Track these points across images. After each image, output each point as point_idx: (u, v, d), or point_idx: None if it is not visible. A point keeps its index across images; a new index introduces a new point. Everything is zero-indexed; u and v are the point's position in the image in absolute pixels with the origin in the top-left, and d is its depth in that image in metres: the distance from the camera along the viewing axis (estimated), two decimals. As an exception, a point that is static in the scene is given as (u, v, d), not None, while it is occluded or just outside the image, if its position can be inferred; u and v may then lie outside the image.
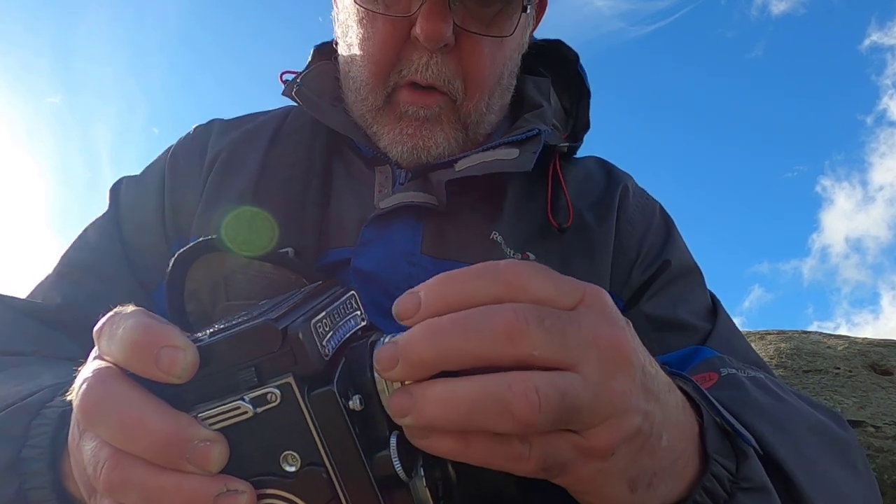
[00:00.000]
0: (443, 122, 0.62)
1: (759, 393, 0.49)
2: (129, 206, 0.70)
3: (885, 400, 2.39)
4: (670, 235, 0.69)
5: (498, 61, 0.62)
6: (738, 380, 0.50)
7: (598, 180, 0.71)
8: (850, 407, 2.36)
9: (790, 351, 2.78)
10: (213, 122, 0.75)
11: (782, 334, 3.02)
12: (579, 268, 0.63)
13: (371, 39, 0.60)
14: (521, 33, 0.64)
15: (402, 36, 0.58)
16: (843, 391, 2.48)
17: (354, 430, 0.29)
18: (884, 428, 2.23)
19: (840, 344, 2.85)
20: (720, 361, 0.54)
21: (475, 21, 0.59)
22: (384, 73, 0.61)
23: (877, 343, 2.83)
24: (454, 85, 0.60)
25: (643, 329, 0.62)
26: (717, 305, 0.66)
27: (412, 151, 0.61)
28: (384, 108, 0.62)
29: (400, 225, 0.61)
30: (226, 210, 0.66)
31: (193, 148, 0.72)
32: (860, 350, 2.76)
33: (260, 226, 0.64)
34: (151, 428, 0.28)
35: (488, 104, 0.63)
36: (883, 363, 2.67)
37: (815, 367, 2.64)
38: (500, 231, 0.63)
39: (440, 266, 0.60)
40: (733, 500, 0.36)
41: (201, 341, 0.29)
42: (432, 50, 0.58)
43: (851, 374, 2.59)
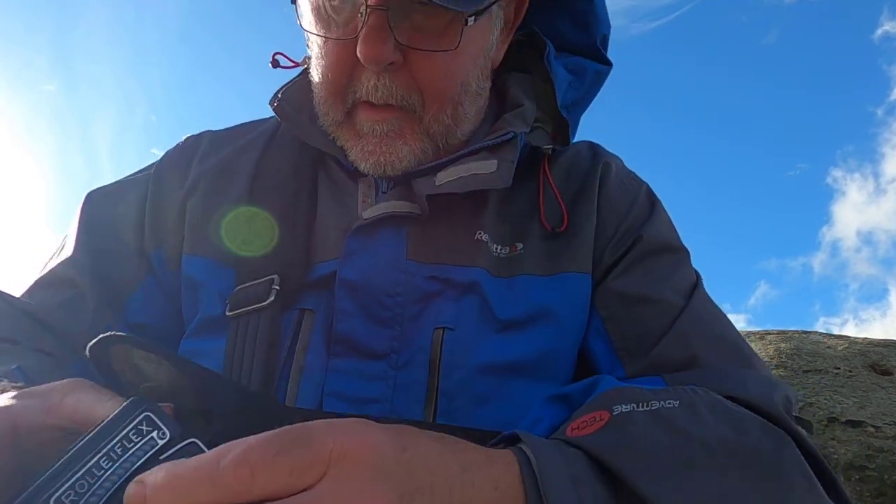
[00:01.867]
0: (405, 134, 0.60)
1: (656, 432, 0.43)
2: (103, 217, 0.70)
3: (885, 400, 2.39)
4: (652, 215, 0.67)
5: (454, 71, 0.60)
6: (630, 420, 0.44)
7: (584, 164, 0.70)
8: (850, 407, 2.36)
9: (790, 351, 2.78)
10: (202, 137, 0.75)
11: (782, 334, 3.02)
12: (564, 253, 0.63)
13: (324, 61, 0.60)
14: (481, 36, 0.62)
15: (351, 57, 0.57)
16: (843, 391, 2.47)
17: None
18: (884, 428, 2.23)
19: (840, 344, 2.85)
20: (617, 396, 0.47)
21: (422, 35, 0.57)
22: (340, 94, 0.60)
23: (877, 343, 2.83)
24: (410, 100, 0.59)
25: (613, 306, 0.62)
26: (697, 283, 0.64)
27: (376, 167, 0.61)
28: (345, 124, 0.62)
29: (384, 233, 0.61)
30: (221, 215, 0.67)
31: (178, 165, 0.73)
32: (860, 350, 2.76)
33: (260, 226, 0.65)
34: None
35: (454, 114, 0.62)
36: (883, 363, 2.67)
37: (815, 367, 2.64)
38: (486, 230, 0.63)
39: (427, 270, 0.61)
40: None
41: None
42: (377, 71, 0.57)
43: (851, 374, 2.59)
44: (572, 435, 0.44)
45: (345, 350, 0.59)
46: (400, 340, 0.59)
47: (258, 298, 0.60)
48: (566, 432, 0.44)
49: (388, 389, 0.58)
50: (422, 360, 0.59)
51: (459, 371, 0.58)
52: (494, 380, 0.59)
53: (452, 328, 0.59)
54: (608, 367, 0.61)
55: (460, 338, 0.59)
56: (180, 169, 0.72)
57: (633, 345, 0.60)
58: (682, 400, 0.46)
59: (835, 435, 2.25)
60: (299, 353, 0.59)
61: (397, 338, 0.59)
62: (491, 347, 0.59)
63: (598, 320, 0.62)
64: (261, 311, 0.59)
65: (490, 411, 0.58)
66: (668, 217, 0.69)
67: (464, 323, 0.60)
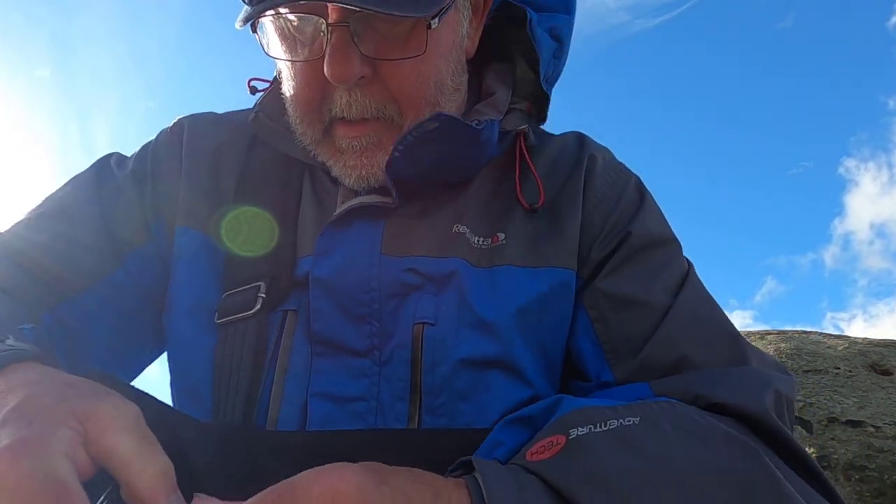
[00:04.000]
0: (385, 144, 0.59)
1: (612, 455, 0.42)
2: (115, 178, 0.70)
3: (885, 400, 2.39)
4: (641, 209, 0.66)
5: (426, 74, 0.59)
6: (587, 444, 0.43)
7: (570, 155, 0.69)
8: (850, 407, 2.36)
9: (790, 351, 2.78)
10: (182, 121, 0.74)
11: (782, 334, 3.02)
12: (547, 247, 0.62)
13: (294, 83, 0.60)
14: (449, 33, 0.61)
15: (321, 77, 0.56)
16: (843, 391, 2.47)
17: None
18: (884, 428, 2.23)
19: (840, 344, 2.85)
20: (575, 418, 0.46)
21: (388, 45, 0.56)
22: (315, 112, 0.60)
23: (877, 343, 2.83)
24: (386, 110, 0.58)
25: (602, 307, 0.61)
26: (687, 276, 0.62)
27: (359, 180, 0.60)
28: (324, 141, 0.61)
29: (356, 229, 0.61)
30: (219, 210, 0.66)
31: (170, 145, 0.72)
32: (860, 350, 2.76)
33: (260, 226, 0.65)
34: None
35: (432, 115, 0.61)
36: (883, 363, 2.67)
37: (815, 367, 2.64)
38: (466, 222, 0.62)
39: (402, 264, 0.60)
40: None
41: None
42: (348, 88, 0.56)
43: (851, 374, 2.59)
44: (531, 459, 0.44)
45: (327, 349, 0.59)
46: (380, 336, 0.59)
47: (245, 306, 0.60)
48: (526, 456, 0.45)
49: (374, 386, 0.58)
50: (403, 358, 0.58)
51: (441, 367, 0.58)
52: (478, 374, 0.59)
53: (433, 323, 0.59)
54: (596, 368, 0.60)
55: (440, 334, 0.59)
56: (174, 149, 0.71)
57: (620, 347, 0.59)
58: (643, 416, 0.45)
59: (835, 435, 2.25)
60: (283, 356, 0.59)
61: (377, 334, 0.59)
62: (472, 342, 0.59)
63: (586, 320, 0.61)
64: (247, 318, 0.60)
65: (474, 405, 0.58)
66: (657, 209, 0.68)
67: (443, 318, 0.59)
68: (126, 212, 0.68)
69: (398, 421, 0.57)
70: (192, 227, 0.66)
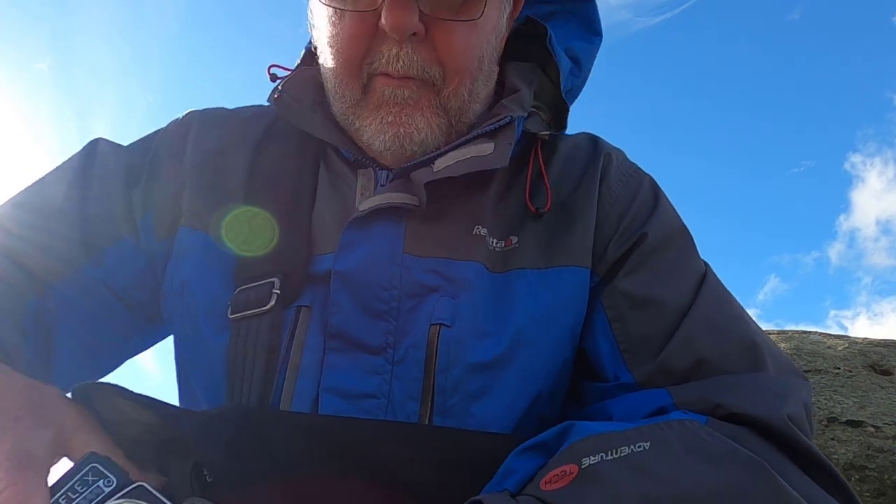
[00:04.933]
0: (423, 106, 0.61)
1: (624, 483, 0.43)
2: (102, 167, 0.70)
3: (885, 400, 2.39)
4: (656, 208, 0.66)
5: (473, 45, 0.61)
6: (600, 472, 0.44)
7: (583, 155, 0.70)
8: (850, 407, 2.36)
9: (790, 351, 2.78)
10: (190, 116, 0.74)
11: (782, 334, 3.02)
12: (560, 246, 0.63)
13: (340, 36, 0.60)
14: (496, 15, 0.63)
15: (370, 30, 0.58)
16: (843, 391, 2.47)
17: None
18: (884, 428, 2.23)
19: (840, 344, 2.85)
20: (586, 447, 0.47)
21: (443, 7, 0.58)
22: (356, 67, 0.60)
23: (877, 343, 2.84)
24: (430, 72, 0.60)
25: (620, 307, 0.61)
26: (705, 276, 0.63)
27: (394, 139, 0.61)
28: (362, 101, 0.62)
29: (380, 226, 0.61)
30: (223, 210, 0.66)
31: (176, 139, 0.72)
32: (860, 350, 2.76)
33: (260, 225, 0.65)
34: None
35: (470, 90, 0.63)
36: (883, 363, 2.67)
37: (815, 367, 2.64)
38: (485, 223, 0.63)
39: (424, 265, 0.61)
40: None
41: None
42: (400, 40, 0.57)
43: (851, 374, 2.59)
44: (546, 489, 0.45)
45: (341, 345, 0.59)
46: (395, 335, 0.59)
47: (259, 302, 0.59)
48: (539, 485, 0.45)
49: (385, 384, 0.58)
50: (417, 357, 0.58)
51: (455, 369, 0.58)
52: (490, 377, 0.59)
53: (449, 325, 0.59)
54: (613, 369, 0.60)
55: (456, 336, 0.59)
56: (177, 147, 0.71)
57: (638, 347, 0.59)
58: (653, 440, 0.46)
59: (835, 435, 2.25)
60: (295, 352, 0.59)
61: (392, 332, 0.59)
62: (486, 346, 0.59)
63: (604, 319, 0.61)
64: (261, 315, 0.59)
65: (485, 407, 0.58)
66: (672, 208, 0.68)
67: (460, 321, 0.59)
68: (108, 206, 0.67)
69: (409, 420, 0.57)
70: (196, 228, 0.66)
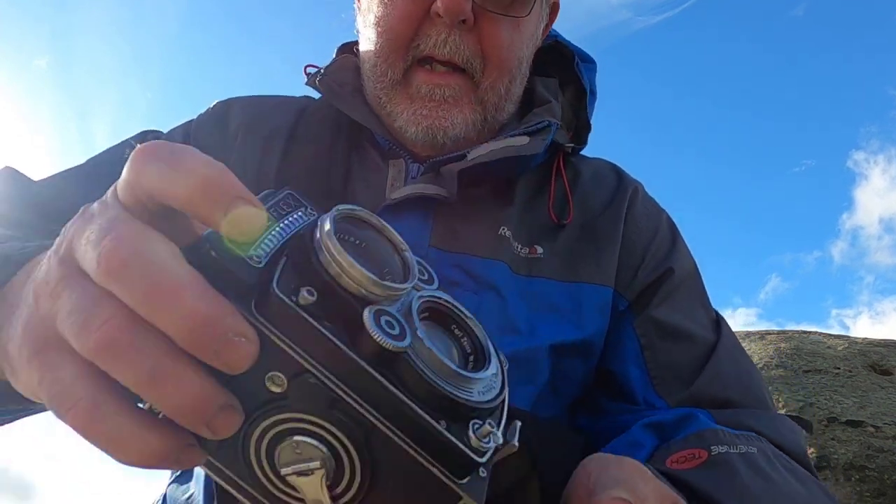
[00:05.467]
0: (461, 103, 0.62)
1: (748, 475, 0.48)
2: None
3: (885, 400, 2.40)
4: (675, 243, 0.69)
5: (516, 43, 0.63)
6: (728, 461, 0.49)
7: (609, 183, 0.72)
8: (850, 407, 2.36)
9: (790, 351, 2.78)
10: (234, 100, 0.75)
11: (782, 334, 3.02)
12: (584, 263, 0.64)
13: (390, 15, 0.62)
14: (536, 20, 0.65)
15: (421, 12, 0.60)
16: (843, 391, 2.48)
17: (320, 323, 0.25)
18: (884, 428, 2.24)
19: (840, 344, 2.86)
20: (713, 436, 0.52)
21: (492, 2, 0.60)
22: (403, 48, 0.61)
23: (877, 343, 2.84)
24: (473, 63, 0.61)
25: (651, 335, 0.62)
26: (719, 317, 0.67)
27: (427, 131, 0.62)
28: (400, 85, 0.63)
29: (409, 217, 0.61)
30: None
31: (213, 122, 0.72)
32: (860, 350, 2.77)
33: None
34: (190, 304, 0.24)
35: (507, 88, 0.64)
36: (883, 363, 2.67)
37: (815, 367, 2.65)
38: (509, 226, 0.63)
39: (448, 259, 0.61)
40: None
41: None
42: (451, 25, 0.59)
43: (851, 374, 2.60)
44: (673, 468, 0.48)
45: None
46: None
47: None
48: (667, 464, 0.49)
49: None
50: None
51: None
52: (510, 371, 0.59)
53: None
54: (643, 393, 0.62)
55: None
56: (217, 128, 0.71)
57: (666, 375, 0.61)
58: (757, 448, 0.51)
59: (835, 435, 2.25)
60: None
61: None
62: (506, 343, 0.59)
63: (636, 346, 0.63)
64: None
65: None
66: (686, 246, 0.71)
67: (484, 318, 0.59)
68: None
69: None
70: None
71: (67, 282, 0.26)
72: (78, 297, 0.25)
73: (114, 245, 0.24)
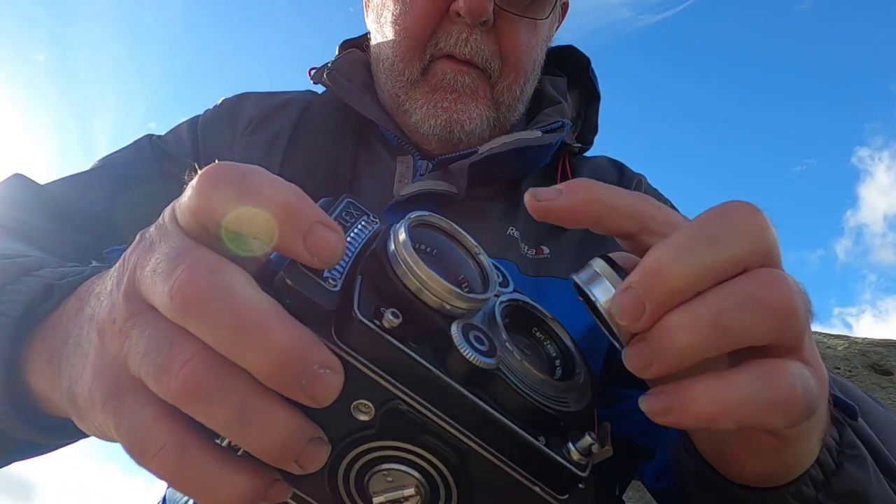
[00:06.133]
0: (478, 97, 0.62)
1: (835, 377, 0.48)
2: (170, 148, 0.69)
3: (885, 400, 2.40)
4: None
5: (533, 45, 0.63)
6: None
7: (612, 176, 0.72)
8: (851, 407, 2.36)
9: (790, 351, 2.78)
10: (246, 95, 0.74)
11: (782, 334, 3.03)
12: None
13: (408, 14, 0.62)
14: (551, 22, 0.66)
15: (440, 11, 0.60)
16: (843, 391, 2.48)
17: (406, 345, 0.24)
18: (884, 428, 2.24)
19: (840, 344, 2.86)
20: None
21: (512, 3, 0.61)
22: (421, 46, 0.61)
23: (877, 343, 2.84)
24: (492, 64, 0.61)
25: None
26: None
27: (445, 125, 0.62)
28: (420, 82, 0.63)
29: None
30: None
31: (223, 117, 0.71)
32: (860, 350, 2.77)
33: None
34: (274, 341, 0.22)
35: (522, 89, 0.65)
36: (883, 363, 2.68)
37: (816, 367, 2.65)
38: (517, 227, 0.63)
39: None
40: (840, 470, 0.35)
41: None
42: (472, 25, 0.59)
43: (851, 374, 2.60)
44: None
45: None
46: None
47: None
48: None
49: None
50: None
51: None
52: None
53: None
54: None
55: None
56: (226, 124, 0.71)
57: None
58: None
59: (835, 435, 2.25)
60: None
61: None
62: None
63: None
64: None
65: None
66: None
67: None
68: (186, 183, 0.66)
69: None
70: None
71: (136, 319, 0.24)
72: (150, 336, 0.23)
73: (188, 277, 0.23)
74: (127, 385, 0.24)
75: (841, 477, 0.34)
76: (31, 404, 0.33)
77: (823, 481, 0.34)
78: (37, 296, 0.33)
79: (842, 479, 0.34)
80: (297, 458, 0.24)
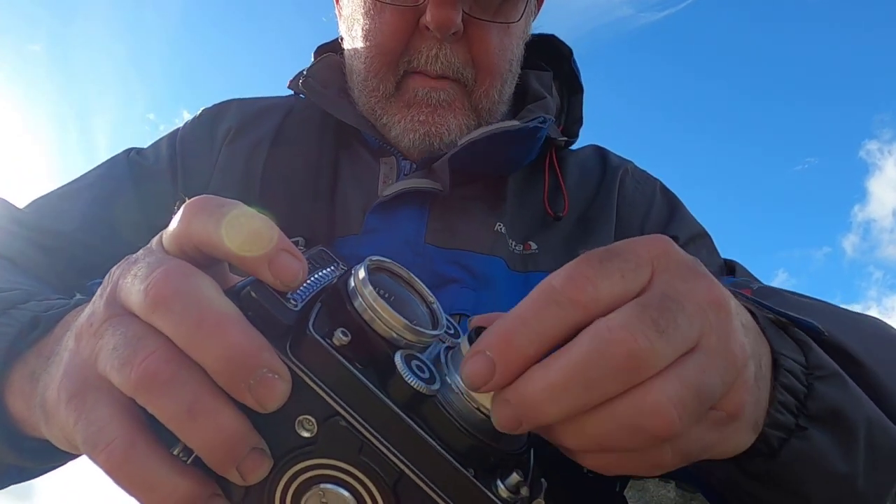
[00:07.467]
0: (455, 108, 0.61)
1: (800, 296, 0.49)
2: (148, 163, 0.69)
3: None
4: (674, 211, 0.68)
5: (506, 48, 0.62)
6: (773, 289, 0.51)
7: (596, 166, 0.71)
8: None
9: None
10: (227, 103, 0.74)
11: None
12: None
13: (378, 30, 0.60)
14: (525, 20, 0.64)
15: (410, 26, 0.59)
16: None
17: (352, 364, 0.26)
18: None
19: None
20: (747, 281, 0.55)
21: (482, 8, 0.59)
22: (393, 63, 0.60)
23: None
24: (465, 73, 0.60)
25: None
26: (734, 263, 0.65)
27: (424, 138, 0.61)
28: (394, 97, 0.62)
29: (404, 213, 0.61)
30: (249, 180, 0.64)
31: (202, 129, 0.71)
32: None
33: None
34: (230, 339, 0.24)
35: (500, 92, 0.63)
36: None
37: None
38: (504, 222, 0.63)
39: (445, 256, 0.60)
40: (812, 392, 0.35)
41: None
42: (442, 38, 0.58)
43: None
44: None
45: None
46: None
47: None
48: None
49: None
50: None
51: None
52: None
53: (469, 316, 0.58)
54: None
55: None
56: (205, 138, 0.70)
57: None
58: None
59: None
60: None
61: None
62: None
63: None
64: None
65: None
66: (685, 207, 0.70)
67: (481, 312, 0.59)
68: (162, 197, 0.66)
69: None
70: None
71: (111, 321, 0.27)
72: (122, 335, 0.26)
73: (161, 277, 0.26)
74: (92, 384, 0.26)
75: (814, 398, 0.35)
76: (11, 426, 0.35)
77: (798, 405, 0.34)
78: (23, 328, 0.35)
79: (816, 399, 0.35)
80: (239, 465, 0.25)
